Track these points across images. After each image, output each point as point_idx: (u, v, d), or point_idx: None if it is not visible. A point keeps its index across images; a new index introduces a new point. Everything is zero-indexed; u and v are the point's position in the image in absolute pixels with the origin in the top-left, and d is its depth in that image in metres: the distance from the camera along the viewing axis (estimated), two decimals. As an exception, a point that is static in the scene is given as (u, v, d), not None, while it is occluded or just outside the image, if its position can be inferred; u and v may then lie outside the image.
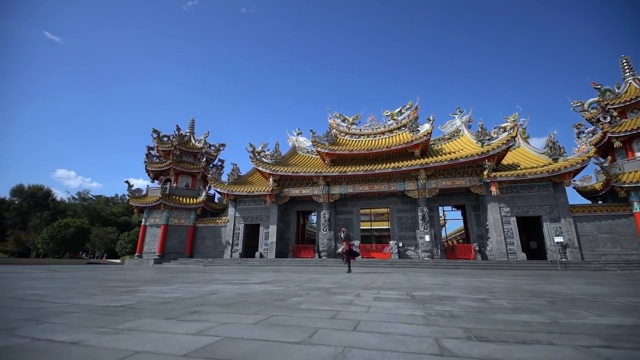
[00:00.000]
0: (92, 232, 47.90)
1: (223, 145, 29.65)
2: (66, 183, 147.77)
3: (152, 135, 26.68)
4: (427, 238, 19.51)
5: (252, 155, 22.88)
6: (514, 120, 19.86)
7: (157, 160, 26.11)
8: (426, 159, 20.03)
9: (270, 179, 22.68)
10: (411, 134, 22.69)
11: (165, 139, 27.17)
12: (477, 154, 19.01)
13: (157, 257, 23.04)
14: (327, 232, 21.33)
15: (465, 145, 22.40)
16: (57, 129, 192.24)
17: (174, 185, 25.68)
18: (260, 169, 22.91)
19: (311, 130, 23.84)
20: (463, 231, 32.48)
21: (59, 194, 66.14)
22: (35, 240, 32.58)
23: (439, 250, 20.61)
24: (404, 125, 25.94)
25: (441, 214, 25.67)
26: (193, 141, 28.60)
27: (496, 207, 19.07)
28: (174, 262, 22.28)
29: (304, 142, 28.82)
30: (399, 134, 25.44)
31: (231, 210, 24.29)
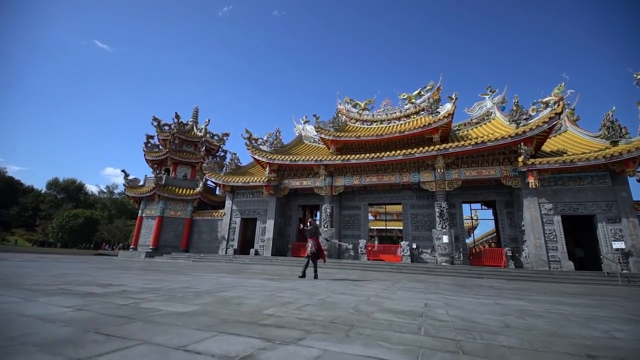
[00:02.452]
0: (113, 223, 48.99)
1: (227, 134, 28.00)
2: (113, 180, 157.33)
3: (152, 123, 25.59)
4: (445, 239, 16.20)
5: (248, 142, 20.79)
6: (558, 93, 15.87)
7: (157, 149, 24.92)
8: (445, 145, 16.67)
9: (267, 169, 20.45)
10: (430, 117, 19.35)
11: (166, 127, 25.98)
12: (510, 136, 15.37)
13: (150, 250, 21.75)
14: (329, 229, 18.67)
15: (497, 130, 18.63)
16: (106, 129, 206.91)
17: (172, 175, 24.34)
18: (256, 157, 20.76)
19: (314, 115, 21.27)
20: (495, 233, 28.30)
21: (90, 188, 68.80)
22: (47, 230, 33.30)
23: (461, 255, 17.20)
24: (424, 110, 22.52)
25: (468, 214, 22.02)
26: (195, 130, 27.20)
27: (535, 203, 15.33)
28: (166, 256, 20.83)
29: (311, 130, 26.25)
30: (416, 119, 22.09)
31: (228, 203, 22.43)
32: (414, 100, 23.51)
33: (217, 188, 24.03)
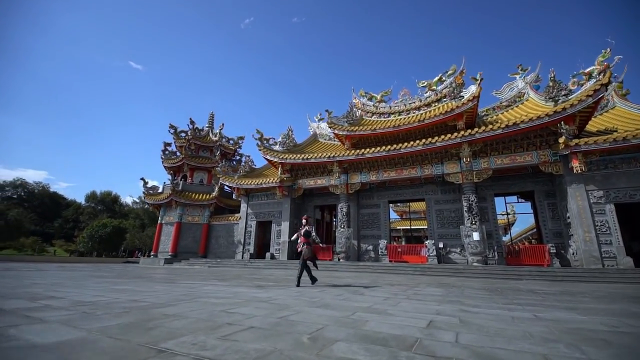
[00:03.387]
0: (144, 232, 50.89)
1: (242, 138, 27.74)
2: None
3: (169, 130, 25.89)
4: (476, 236, 14.39)
5: (259, 143, 20.17)
6: (603, 61, 13.52)
7: (174, 156, 25.12)
8: (470, 130, 14.90)
9: (280, 169, 19.68)
10: (453, 102, 17.59)
11: (183, 134, 26.18)
12: (547, 114, 13.35)
13: (169, 256, 21.75)
14: (345, 229, 17.45)
15: (532, 111, 16.48)
16: (144, 147, 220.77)
17: (189, 181, 24.37)
18: (267, 157, 20.06)
19: (327, 111, 20.26)
20: (535, 229, 25.52)
21: (125, 199, 72.57)
22: (78, 240, 35.06)
23: (496, 253, 15.27)
24: (446, 96, 20.69)
25: (502, 209, 19.72)
26: (211, 135, 27.19)
27: (581, 191, 13.16)
28: (185, 262, 20.67)
29: (326, 128, 25.20)
30: (437, 107, 20.31)
31: (243, 206, 21.94)
32: (434, 87, 21.69)
33: (234, 192, 23.67)
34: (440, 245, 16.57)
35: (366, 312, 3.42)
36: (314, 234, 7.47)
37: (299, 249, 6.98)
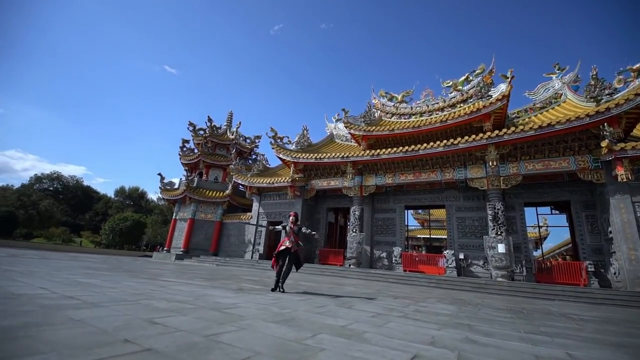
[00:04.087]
0: (166, 227, 52.28)
1: (258, 137, 27.59)
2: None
3: (188, 128, 26.19)
4: (501, 248, 13.01)
5: (272, 141, 19.76)
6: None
7: (191, 153, 25.34)
8: (497, 132, 13.59)
9: (292, 168, 19.14)
10: (480, 102, 16.32)
11: (201, 132, 26.40)
12: (587, 115, 11.86)
13: (180, 252, 21.76)
14: (357, 234, 16.53)
15: (570, 112, 14.88)
16: (172, 144, 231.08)
17: (205, 178, 24.43)
18: (280, 156, 19.60)
19: (343, 109, 19.52)
20: (570, 244, 23.24)
21: (151, 195, 75.31)
22: (101, 232, 36.36)
23: (524, 269, 13.79)
24: (472, 97, 19.33)
25: (534, 221, 17.75)
26: (228, 134, 27.24)
27: (627, 202, 11.51)
28: (195, 259, 20.56)
29: (343, 129, 24.39)
30: (463, 108, 19.00)
31: (255, 206, 21.58)
32: (460, 87, 20.35)
33: (246, 191, 23.41)
34: (461, 256, 15.24)
35: (334, 334, 2.64)
36: (305, 229, 6.74)
37: (282, 248, 6.21)
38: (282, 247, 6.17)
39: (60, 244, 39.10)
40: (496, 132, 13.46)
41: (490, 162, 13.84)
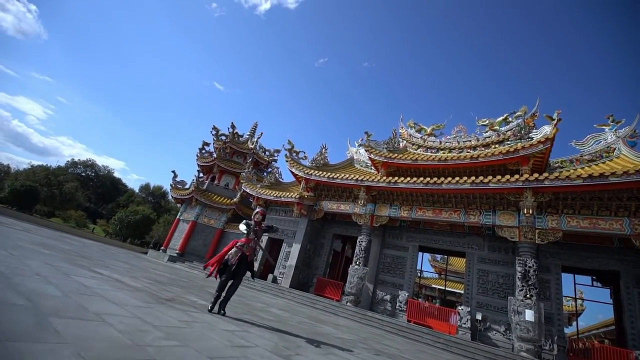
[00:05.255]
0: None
1: (278, 151, 27.06)
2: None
3: (211, 132, 26.26)
4: (529, 315, 10.70)
5: (287, 154, 18.91)
6: None
7: (209, 156, 25.15)
8: (537, 175, 11.75)
9: (302, 184, 18.02)
10: (519, 144, 14.67)
11: (223, 137, 26.34)
12: (654, 170, 9.85)
13: (175, 254, 20.76)
14: (361, 267, 14.70)
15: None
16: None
17: (216, 183, 23.89)
18: (293, 170, 18.60)
19: (366, 132, 18.49)
20: (613, 325, 19.66)
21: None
22: (111, 222, 36.52)
23: (554, 346, 11.25)
24: (509, 139, 17.66)
25: (569, 291, 14.89)
26: (249, 143, 26.97)
27: None
28: (188, 263, 19.43)
29: (364, 154, 23.23)
30: (497, 149, 17.28)
31: (259, 219, 20.41)
32: (496, 127, 18.75)
33: (253, 202, 22.44)
34: (478, 316, 12.89)
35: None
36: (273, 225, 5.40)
37: (236, 254, 4.84)
38: (235, 254, 4.81)
39: (75, 227, 39.85)
40: (535, 175, 11.63)
41: (525, 210, 11.88)
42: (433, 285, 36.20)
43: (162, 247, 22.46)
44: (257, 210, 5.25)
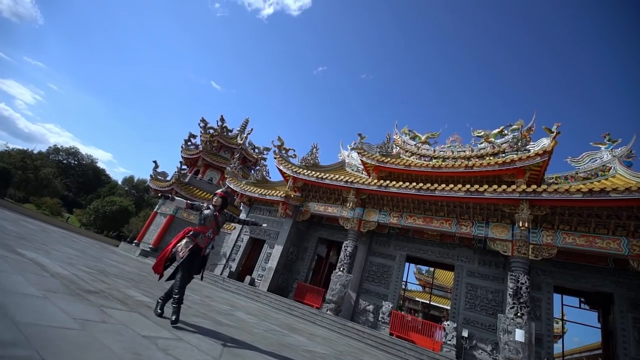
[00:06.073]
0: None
1: (267, 149, 26.16)
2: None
3: (199, 124, 25.20)
4: (519, 335, 9.98)
5: (276, 151, 18.04)
6: None
7: (194, 148, 24.04)
8: (535, 187, 11.18)
9: (290, 183, 17.14)
10: (515, 155, 14.18)
11: (211, 130, 25.30)
12: (658, 188, 9.37)
13: (149, 249, 19.44)
14: (344, 274, 13.81)
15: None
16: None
17: (200, 177, 22.76)
18: (281, 167, 17.71)
19: (359, 134, 17.82)
20: (600, 349, 19.20)
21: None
22: (84, 212, 34.65)
23: (544, 370, 10.53)
24: (504, 152, 17.25)
25: (557, 311, 14.24)
26: (238, 139, 25.98)
27: None
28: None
29: (356, 158, 22.54)
30: (492, 160, 16.81)
31: (242, 216, 19.36)
32: (492, 139, 18.35)
33: (236, 198, 21.36)
34: (464, 333, 12.11)
35: None
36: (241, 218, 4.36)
37: (186, 245, 3.87)
38: (186, 245, 3.86)
39: (48, 215, 37.72)
40: (533, 187, 11.07)
41: (521, 223, 11.25)
42: (416, 299, 35.43)
43: (135, 241, 21.08)
44: (217, 192, 4.24)
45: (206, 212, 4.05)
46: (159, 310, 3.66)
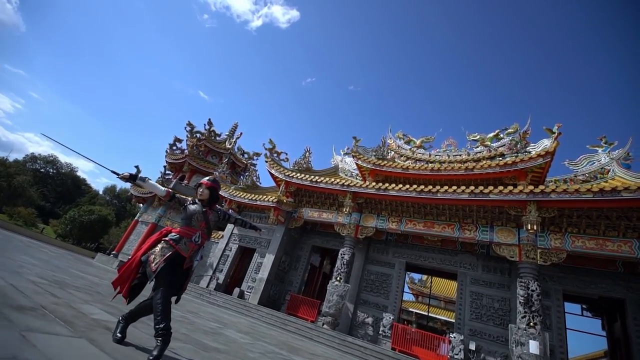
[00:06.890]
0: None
1: (258, 154, 25.21)
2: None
3: (185, 128, 24.08)
4: (533, 347, 9.24)
5: (268, 154, 17.15)
6: None
7: (179, 152, 22.86)
8: (543, 187, 10.67)
9: (282, 188, 16.22)
10: (516, 157, 13.77)
11: (198, 135, 24.20)
12: (673, 186, 8.96)
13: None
14: (341, 283, 12.85)
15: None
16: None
17: (185, 183, 21.52)
18: (272, 171, 16.80)
19: (354, 138, 17.18)
20: (601, 358, 18.75)
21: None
22: (60, 221, 32.51)
23: (560, 384, 9.77)
24: (501, 155, 16.92)
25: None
26: (226, 144, 24.96)
27: None
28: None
29: (350, 163, 21.89)
30: (494, 161, 16.41)
31: (229, 227, 18.22)
32: (488, 143, 18.07)
33: (224, 205, 20.22)
34: (472, 346, 11.30)
35: None
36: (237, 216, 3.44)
37: (164, 252, 2.86)
38: (162, 253, 2.84)
39: (21, 226, 35.25)
40: (541, 187, 10.55)
41: (529, 226, 10.64)
42: (410, 309, 34.48)
43: (113, 252, 19.52)
44: (202, 181, 3.15)
45: (192, 207, 3.04)
46: (118, 335, 2.66)
